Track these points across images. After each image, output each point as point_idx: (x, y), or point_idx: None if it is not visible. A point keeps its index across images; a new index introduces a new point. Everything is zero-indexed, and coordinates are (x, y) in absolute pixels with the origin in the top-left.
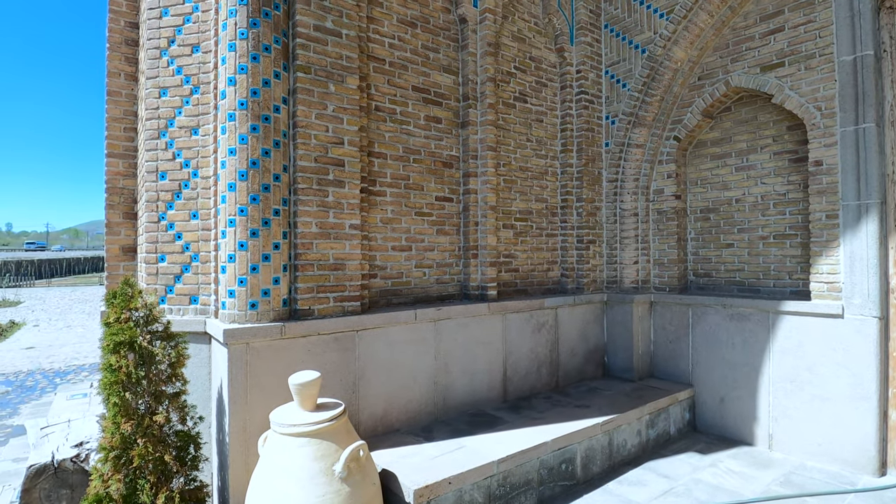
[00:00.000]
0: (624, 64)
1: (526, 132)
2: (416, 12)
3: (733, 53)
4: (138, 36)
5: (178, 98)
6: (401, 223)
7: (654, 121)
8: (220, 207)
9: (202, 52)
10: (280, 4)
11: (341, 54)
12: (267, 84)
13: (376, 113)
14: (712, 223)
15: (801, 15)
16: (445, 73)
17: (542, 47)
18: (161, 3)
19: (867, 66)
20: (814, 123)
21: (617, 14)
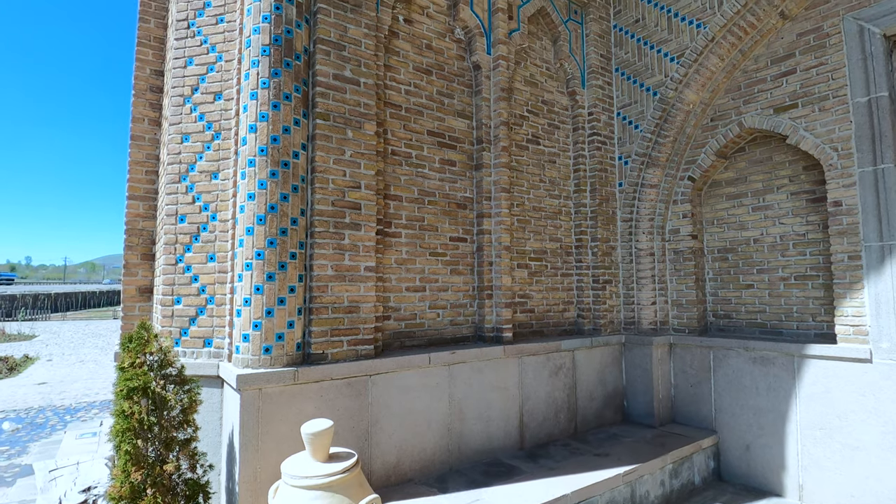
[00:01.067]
0: (636, 106)
1: (539, 173)
2: (431, 60)
3: (745, 95)
4: (163, 83)
5: (199, 143)
6: (415, 263)
7: (667, 161)
8: (237, 251)
9: (224, 99)
10: (301, 55)
11: (359, 101)
12: (287, 131)
13: (392, 157)
14: (731, 263)
15: (812, 58)
16: (460, 118)
17: (554, 91)
18: (186, 53)
19: (882, 107)
20: (830, 164)
21: (628, 58)
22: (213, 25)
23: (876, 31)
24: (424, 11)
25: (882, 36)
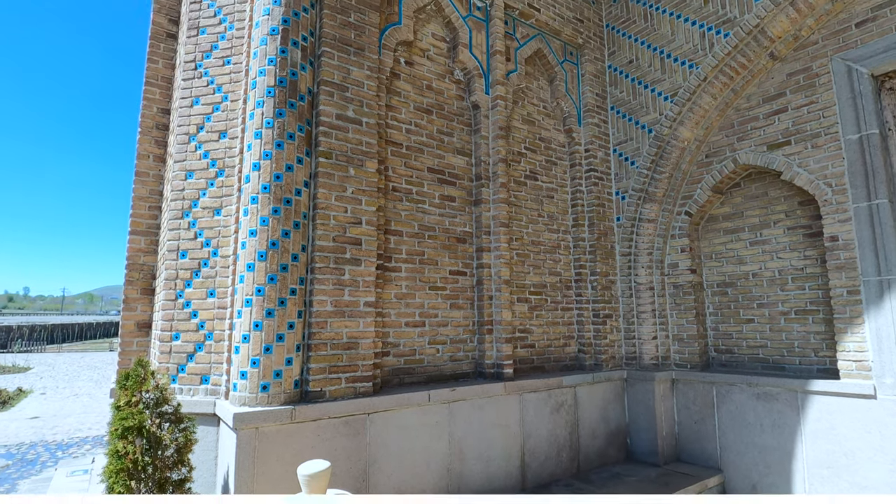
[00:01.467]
0: (631, 143)
1: (537, 208)
2: (431, 100)
3: (739, 132)
4: (169, 121)
5: (203, 180)
6: (415, 298)
7: (664, 196)
8: (237, 287)
9: (229, 137)
10: (305, 96)
11: (361, 140)
12: (290, 169)
13: (393, 193)
14: (730, 298)
15: (803, 96)
16: (459, 155)
17: (551, 128)
18: (193, 93)
19: (874, 144)
20: (825, 199)
21: (623, 97)
22: (220, 67)
23: (864, 70)
24: (425, 54)
25: (870, 76)
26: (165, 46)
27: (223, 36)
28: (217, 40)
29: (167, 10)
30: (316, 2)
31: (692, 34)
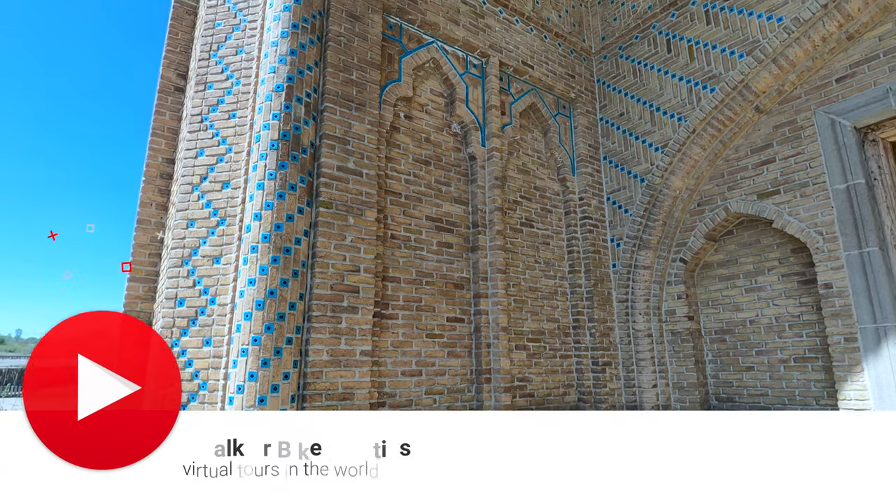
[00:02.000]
0: (625, 191)
1: (534, 254)
2: (430, 152)
3: (729, 182)
4: (173, 171)
5: (204, 229)
6: (412, 346)
7: (658, 244)
8: (234, 336)
9: (231, 188)
10: (307, 148)
11: (361, 190)
12: (290, 219)
13: (391, 240)
14: (729, 345)
15: (789, 147)
16: (456, 204)
17: (545, 178)
18: (198, 145)
19: (860, 193)
20: (817, 247)
21: (615, 148)
22: (226, 120)
23: (846, 123)
24: (424, 109)
25: (853, 128)
26: (173, 100)
27: (229, 91)
28: (223, 95)
29: (176, 65)
30: (320, 60)
31: (680, 89)
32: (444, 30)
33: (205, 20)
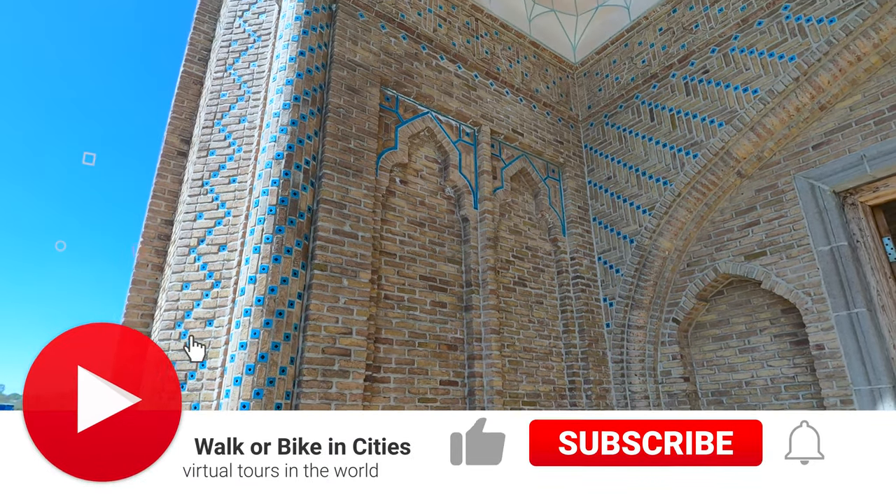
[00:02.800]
0: (615, 252)
1: (528, 314)
2: (424, 214)
3: (716, 243)
4: (171, 232)
5: (199, 291)
6: (403, 411)
7: (650, 304)
8: (222, 402)
9: (228, 250)
10: (304, 213)
11: (356, 252)
12: (285, 282)
13: (385, 301)
14: (726, 407)
15: (772, 210)
16: (450, 263)
17: (537, 238)
18: (197, 208)
19: (844, 255)
20: (806, 308)
21: (603, 209)
22: (226, 185)
23: (825, 188)
24: (419, 174)
25: (832, 192)
26: (175, 163)
27: (231, 157)
28: (225, 161)
29: (180, 131)
30: (319, 130)
31: (664, 155)
32: (439, 101)
33: (210, 90)
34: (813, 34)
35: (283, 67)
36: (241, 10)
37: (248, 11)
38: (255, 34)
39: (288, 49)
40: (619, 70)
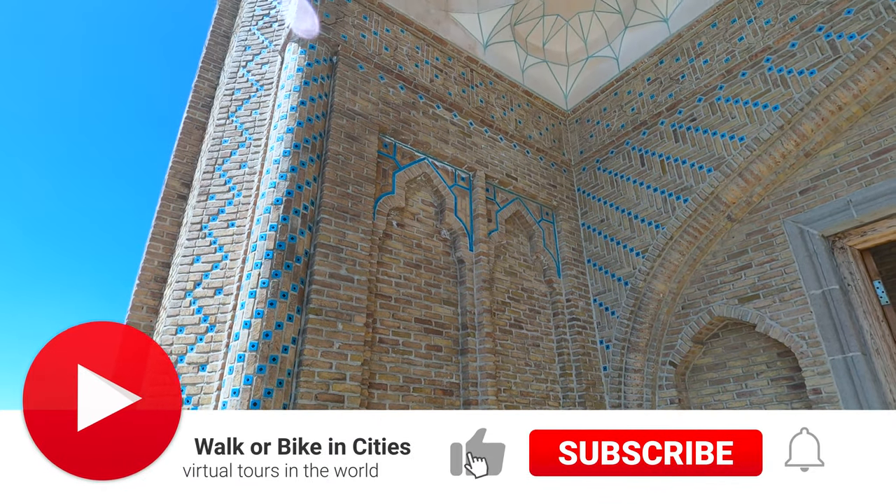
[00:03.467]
0: (610, 294)
1: (524, 357)
2: (420, 256)
3: (710, 286)
4: (168, 275)
5: (193, 335)
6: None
7: (646, 346)
8: None
9: (224, 294)
10: (301, 257)
11: (352, 296)
12: (280, 326)
13: (380, 345)
14: None
15: (763, 254)
16: (446, 305)
17: (532, 279)
18: (195, 252)
19: (836, 299)
20: (802, 352)
21: (598, 251)
22: (224, 229)
23: (814, 232)
24: (415, 217)
25: (820, 236)
26: (175, 206)
27: (230, 202)
28: (224, 205)
29: (181, 175)
30: (318, 176)
31: (655, 199)
32: (435, 148)
33: (213, 136)
34: (795, 85)
35: (285, 116)
36: (244, 61)
37: (252, 62)
38: (258, 83)
39: (289, 98)
40: (610, 117)
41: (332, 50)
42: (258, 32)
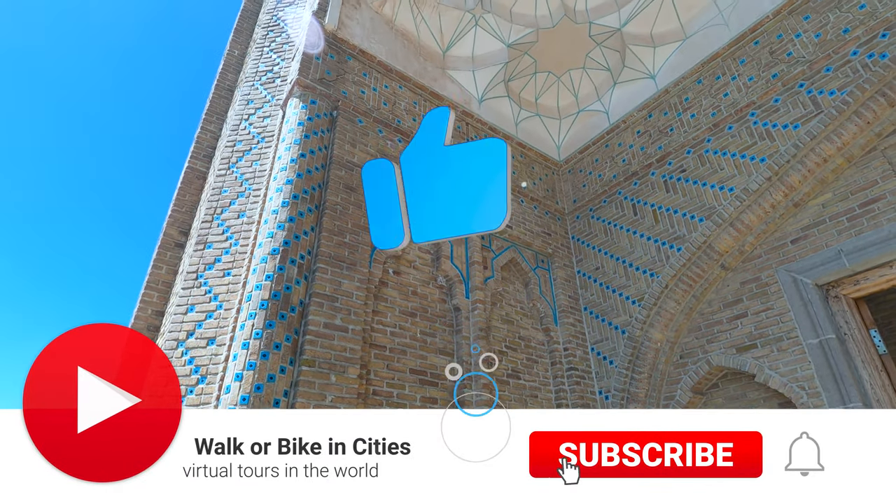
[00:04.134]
0: (607, 342)
1: (522, 409)
2: (416, 304)
3: (707, 335)
4: (161, 324)
5: (184, 387)
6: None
7: (646, 397)
8: None
9: (216, 344)
10: (296, 307)
11: (346, 347)
12: (272, 379)
13: (373, 397)
14: None
15: (759, 303)
16: (441, 355)
17: (529, 328)
18: (189, 301)
19: (834, 348)
20: (802, 403)
21: (594, 299)
22: (220, 278)
23: (808, 281)
24: (412, 264)
25: (814, 285)
26: (171, 255)
27: (227, 251)
28: (221, 254)
29: (179, 223)
30: (316, 226)
31: (649, 248)
32: None
33: (213, 186)
34: (780, 138)
35: (284, 168)
36: (247, 114)
37: (254, 115)
38: (259, 135)
39: (290, 151)
40: (602, 168)
41: (333, 105)
42: (261, 87)
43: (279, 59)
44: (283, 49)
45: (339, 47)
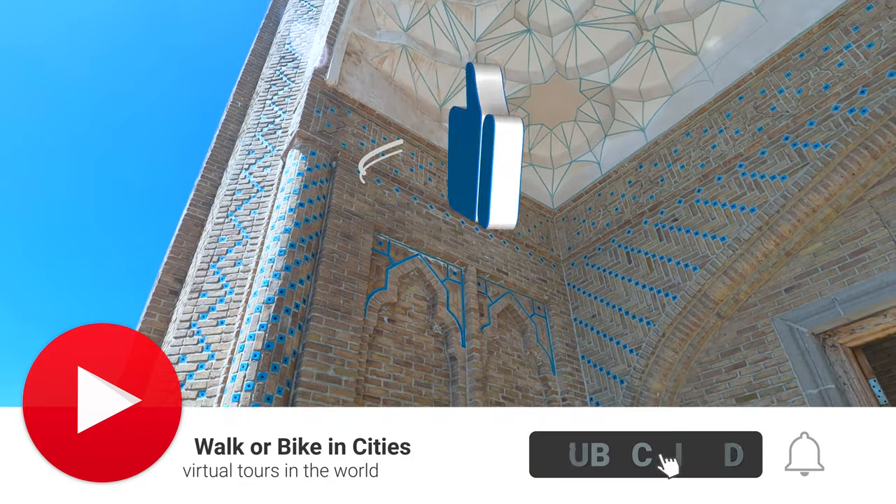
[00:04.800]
0: (606, 392)
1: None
2: (411, 353)
3: (706, 385)
4: None
5: None
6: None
7: None
8: None
9: (206, 396)
10: (289, 357)
11: (338, 399)
12: None
13: None
14: None
15: (756, 352)
16: (437, 407)
17: (527, 377)
18: (181, 350)
19: (834, 399)
20: None
21: (592, 347)
22: (213, 327)
23: (804, 330)
24: (407, 312)
25: (810, 334)
26: (165, 302)
27: (222, 299)
28: (216, 303)
29: (175, 270)
30: (312, 274)
31: (644, 295)
32: (428, 245)
33: (210, 234)
34: (769, 189)
35: (283, 216)
36: (248, 164)
37: (255, 165)
38: (259, 185)
39: (289, 200)
40: (595, 216)
41: (332, 156)
42: (262, 138)
43: (281, 111)
44: (285, 102)
45: (340, 101)
